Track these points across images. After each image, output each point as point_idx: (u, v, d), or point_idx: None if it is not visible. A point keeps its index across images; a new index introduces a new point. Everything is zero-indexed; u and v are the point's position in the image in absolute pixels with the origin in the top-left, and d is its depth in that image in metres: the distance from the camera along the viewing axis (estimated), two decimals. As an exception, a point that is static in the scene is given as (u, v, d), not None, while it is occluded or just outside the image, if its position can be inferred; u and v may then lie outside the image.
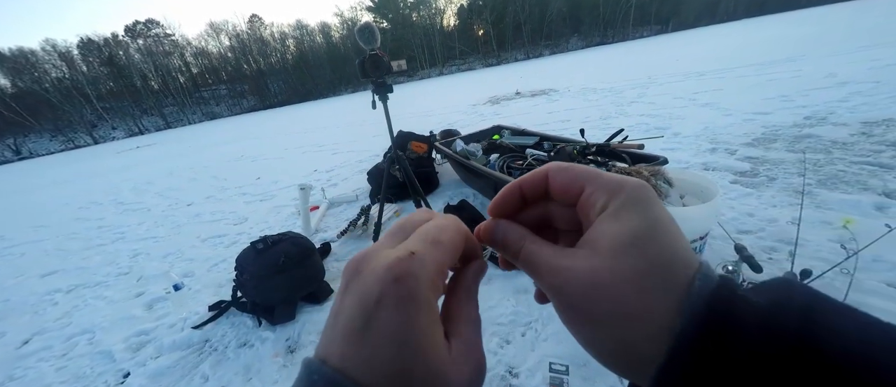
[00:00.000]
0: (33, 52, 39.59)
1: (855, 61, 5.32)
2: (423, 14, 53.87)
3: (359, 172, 4.11)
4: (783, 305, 0.14)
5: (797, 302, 0.15)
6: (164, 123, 44.85)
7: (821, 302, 0.15)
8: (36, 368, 1.79)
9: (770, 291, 0.16)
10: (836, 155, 2.40)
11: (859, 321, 0.14)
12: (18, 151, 37.55)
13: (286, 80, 52.66)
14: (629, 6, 49.60)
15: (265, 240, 1.79)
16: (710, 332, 0.14)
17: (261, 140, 10.01)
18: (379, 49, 1.86)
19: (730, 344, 0.14)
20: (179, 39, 49.07)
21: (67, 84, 41.02)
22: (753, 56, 8.00)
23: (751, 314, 0.14)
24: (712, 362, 0.14)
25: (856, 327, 0.13)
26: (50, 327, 2.12)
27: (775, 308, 0.14)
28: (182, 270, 2.51)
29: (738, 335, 0.14)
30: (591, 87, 8.02)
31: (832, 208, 1.83)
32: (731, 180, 2.32)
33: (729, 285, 0.16)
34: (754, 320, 0.14)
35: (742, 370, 0.13)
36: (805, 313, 0.14)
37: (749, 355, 0.13)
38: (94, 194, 6.38)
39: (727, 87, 5.21)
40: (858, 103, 3.35)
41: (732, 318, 0.14)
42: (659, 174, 1.55)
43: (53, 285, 2.70)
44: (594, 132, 3.88)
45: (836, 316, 0.14)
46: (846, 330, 0.13)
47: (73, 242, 3.73)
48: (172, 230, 3.50)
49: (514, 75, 16.62)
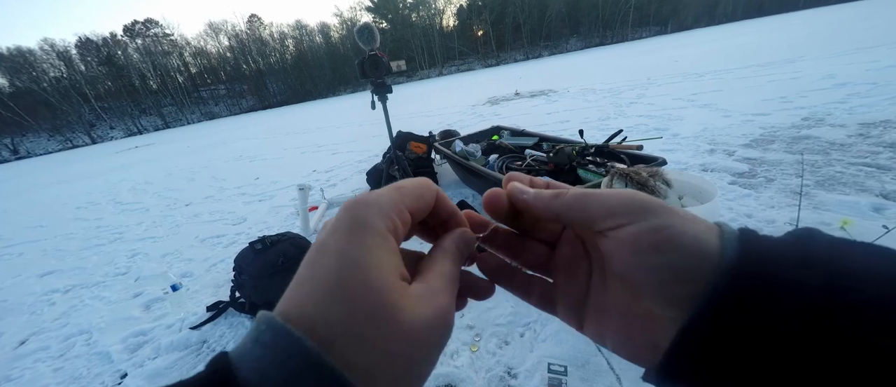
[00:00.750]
0: (31, 51, 39.53)
1: (853, 63, 5.34)
2: (422, 14, 53.93)
3: (358, 173, 4.10)
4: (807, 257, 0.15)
5: (820, 253, 0.15)
6: (163, 122, 44.77)
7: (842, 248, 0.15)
8: (33, 368, 1.78)
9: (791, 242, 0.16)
10: (833, 156, 2.41)
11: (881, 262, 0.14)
12: (16, 150, 37.42)
13: (285, 80, 52.64)
14: (628, 7, 49.76)
15: (264, 240, 1.79)
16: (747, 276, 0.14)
17: (260, 140, 10.00)
18: (378, 49, 1.86)
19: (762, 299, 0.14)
20: (178, 39, 49.06)
21: (65, 84, 40.93)
22: (752, 57, 8.02)
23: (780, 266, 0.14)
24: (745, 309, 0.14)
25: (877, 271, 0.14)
26: (47, 328, 2.11)
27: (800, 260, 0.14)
28: (180, 271, 2.50)
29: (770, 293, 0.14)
30: (591, 87, 8.03)
31: (830, 209, 1.83)
32: (729, 181, 2.33)
33: (749, 230, 0.17)
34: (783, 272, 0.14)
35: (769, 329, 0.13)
36: (829, 264, 0.14)
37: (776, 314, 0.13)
38: (93, 194, 6.36)
39: (726, 89, 5.22)
40: (856, 105, 3.37)
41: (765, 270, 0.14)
42: (657, 175, 1.55)
43: (51, 286, 2.69)
44: (593, 133, 3.88)
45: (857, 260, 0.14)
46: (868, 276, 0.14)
47: (70, 243, 3.72)
48: (171, 230, 3.49)
49: (514, 76, 16.64)
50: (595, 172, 2.02)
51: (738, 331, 0.14)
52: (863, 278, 0.13)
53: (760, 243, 0.15)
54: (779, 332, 0.13)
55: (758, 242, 0.16)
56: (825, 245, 0.15)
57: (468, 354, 1.37)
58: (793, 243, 0.15)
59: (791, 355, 0.13)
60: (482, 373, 1.28)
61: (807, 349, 0.13)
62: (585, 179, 2.01)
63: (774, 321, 0.13)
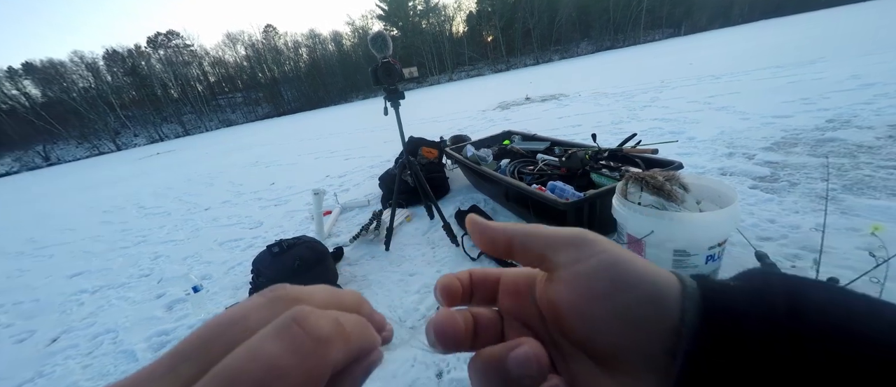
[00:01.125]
0: (62, 63, 41.67)
1: (880, 62, 5.13)
2: (432, 21, 54.53)
3: (370, 178, 4.16)
4: (763, 289, 0.15)
5: (777, 285, 0.15)
6: (183, 130, 46.37)
7: (798, 282, 0.15)
8: (64, 365, 1.86)
9: (744, 279, 0.16)
10: (861, 159, 2.32)
11: (835, 295, 0.15)
12: (47, 157, 39.38)
13: (299, 87, 53.90)
14: (640, 10, 49.13)
15: (281, 244, 1.84)
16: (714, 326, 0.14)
17: (275, 146, 10.24)
18: (391, 57, 1.90)
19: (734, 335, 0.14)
20: (198, 49, 50.96)
21: (93, 93, 42.95)
22: (771, 58, 7.80)
23: (740, 300, 0.15)
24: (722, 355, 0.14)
25: (833, 300, 0.14)
26: (76, 326, 2.21)
27: (758, 292, 0.15)
28: (201, 273, 2.58)
29: (737, 324, 0.14)
30: (602, 91, 7.94)
31: (859, 215, 1.76)
32: (750, 185, 2.26)
33: (705, 277, 0.17)
34: (744, 304, 0.15)
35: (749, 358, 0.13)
36: (789, 295, 0.15)
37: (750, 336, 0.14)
38: (118, 199, 6.63)
39: (744, 91, 5.09)
40: (884, 105, 3.23)
41: (728, 309, 0.15)
42: (674, 179, 1.53)
43: (79, 286, 2.81)
44: (606, 137, 3.84)
45: (816, 292, 0.15)
46: (828, 303, 0.14)
47: (97, 245, 3.88)
48: (191, 234, 3.61)
49: (524, 80, 16.60)
50: (609, 176, 2.00)
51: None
52: (826, 314, 0.14)
53: (718, 290, 0.16)
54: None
55: (716, 290, 0.16)
56: (781, 284, 0.15)
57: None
58: (750, 289, 0.15)
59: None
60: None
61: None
62: (599, 184, 1.99)
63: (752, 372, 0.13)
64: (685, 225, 1.27)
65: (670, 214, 1.30)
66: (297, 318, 0.13)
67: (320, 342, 0.13)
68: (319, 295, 0.16)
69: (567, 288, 0.18)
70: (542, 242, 0.19)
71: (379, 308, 1.75)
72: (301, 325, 0.13)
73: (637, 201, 1.48)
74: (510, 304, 0.21)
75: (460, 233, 2.28)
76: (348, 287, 1.98)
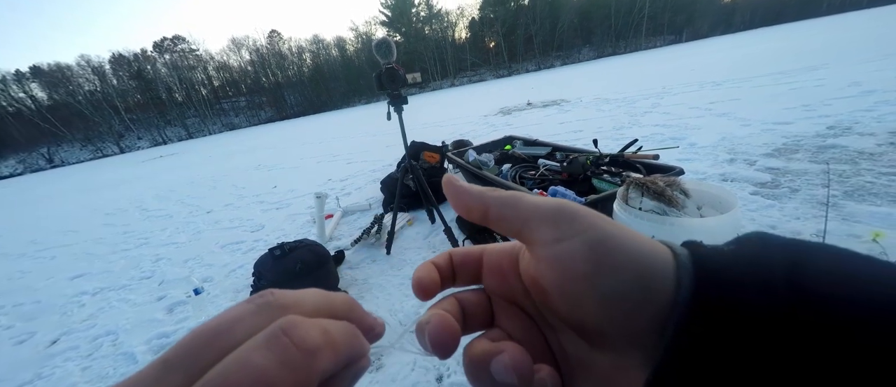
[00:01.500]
0: (69, 66, 42.17)
1: (880, 69, 5.14)
2: (435, 27, 55.02)
3: (372, 182, 4.18)
4: (762, 254, 0.14)
5: (776, 249, 0.14)
6: (187, 133, 46.70)
7: (799, 246, 0.14)
8: (63, 367, 1.86)
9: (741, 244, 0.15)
10: (862, 166, 2.31)
11: (837, 257, 0.14)
12: (51, 159, 39.67)
13: (302, 92, 54.32)
14: (642, 17, 49.46)
15: (282, 247, 1.84)
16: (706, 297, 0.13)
17: (277, 150, 10.30)
18: (395, 63, 1.92)
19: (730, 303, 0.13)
20: (203, 54, 51.48)
21: (99, 96, 43.39)
22: (772, 65, 7.83)
23: (734, 267, 0.14)
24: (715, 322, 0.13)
25: (837, 266, 0.13)
26: (76, 328, 2.21)
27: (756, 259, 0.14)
28: (202, 275, 2.59)
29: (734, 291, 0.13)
30: (604, 97, 7.98)
31: (860, 221, 1.76)
32: (751, 191, 2.26)
33: (697, 244, 0.16)
34: (737, 271, 0.14)
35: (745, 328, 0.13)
36: (789, 261, 0.14)
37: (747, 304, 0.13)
38: (120, 201, 6.67)
39: (745, 97, 5.10)
40: (885, 112, 3.23)
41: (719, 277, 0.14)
42: (675, 185, 1.53)
43: (80, 288, 2.82)
44: (607, 143, 3.85)
45: (818, 257, 0.14)
46: (829, 269, 0.13)
47: (99, 247, 3.89)
48: (193, 236, 3.62)
49: (526, 86, 16.68)
50: (610, 181, 2.00)
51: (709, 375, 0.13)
52: (826, 281, 0.13)
53: (713, 259, 0.15)
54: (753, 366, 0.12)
55: (710, 259, 0.15)
56: (781, 250, 0.15)
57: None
58: (747, 256, 0.14)
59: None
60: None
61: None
62: (600, 189, 1.99)
63: (746, 351, 0.12)
64: (686, 231, 1.27)
65: (671, 219, 1.31)
66: (286, 328, 0.13)
67: (309, 353, 0.13)
68: (309, 301, 0.16)
69: (548, 267, 0.17)
70: (520, 216, 0.18)
71: (379, 312, 1.75)
72: (289, 335, 0.13)
73: (638, 207, 1.49)
74: (495, 283, 0.21)
75: (461, 237, 2.28)
76: (349, 291, 1.98)
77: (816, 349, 0.12)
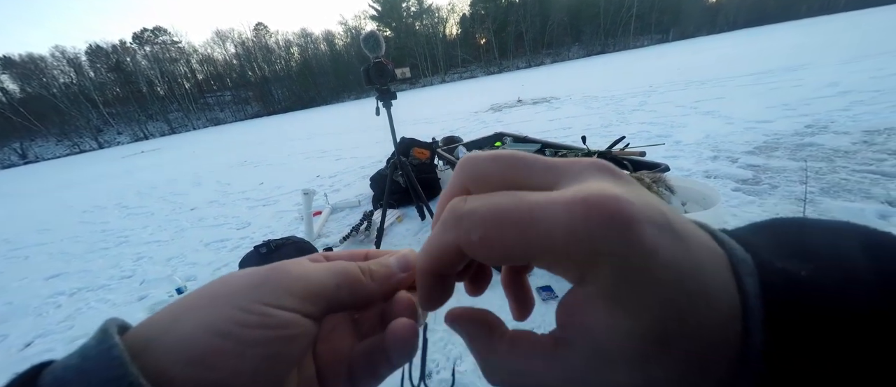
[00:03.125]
0: (43, 58, 40.33)
1: (856, 71, 5.34)
2: (425, 23, 54.62)
3: (361, 178, 4.13)
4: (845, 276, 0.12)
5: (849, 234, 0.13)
6: (169, 128, 45.31)
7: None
8: (38, 370, 1.79)
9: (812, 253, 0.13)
10: (838, 163, 2.40)
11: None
12: (25, 155, 37.96)
13: (290, 86, 53.29)
14: (630, 16, 50.15)
15: (268, 244, 1.81)
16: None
17: (264, 146, 10.09)
18: (383, 57, 1.89)
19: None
20: (186, 47, 49.94)
21: (75, 89, 41.66)
22: (754, 65, 8.04)
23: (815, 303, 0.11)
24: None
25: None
26: (53, 330, 2.13)
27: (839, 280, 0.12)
28: (185, 274, 2.52)
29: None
30: (593, 95, 8.07)
31: (835, 217, 1.82)
32: (733, 188, 2.33)
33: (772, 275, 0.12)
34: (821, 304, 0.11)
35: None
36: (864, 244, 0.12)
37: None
38: (98, 198, 6.43)
39: (728, 96, 5.23)
40: (860, 112, 3.36)
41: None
42: (661, 181, 1.56)
43: (57, 288, 2.71)
44: (596, 139, 3.90)
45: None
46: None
47: (76, 246, 3.75)
48: (176, 234, 3.52)
49: (516, 83, 16.74)
50: (598, 178, 2.02)
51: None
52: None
53: (784, 272, 0.12)
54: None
55: (780, 271, 0.12)
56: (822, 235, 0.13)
57: (471, 360, 1.36)
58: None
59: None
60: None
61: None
62: (588, 185, 2.01)
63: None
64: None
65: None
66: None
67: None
68: None
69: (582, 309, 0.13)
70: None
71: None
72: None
73: (624, 203, 1.50)
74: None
75: (451, 234, 2.27)
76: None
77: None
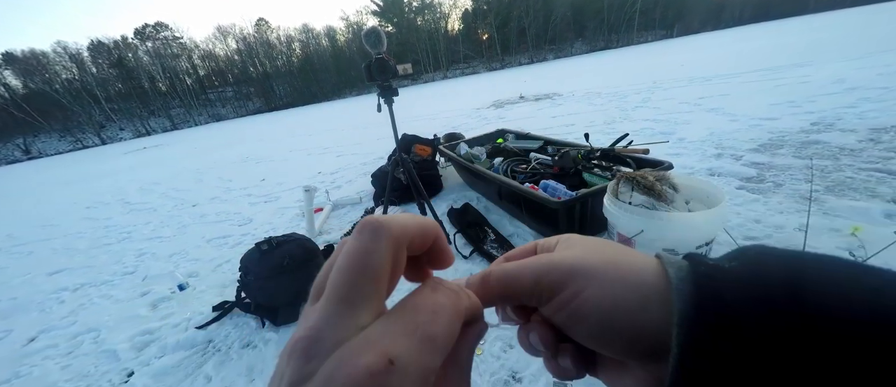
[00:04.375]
0: (45, 54, 40.31)
1: (863, 67, 5.27)
2: (427, 18, 54.20)
3: (363, 175, 4.12)
4: (762, 270, 0.15)
5: (774, 263, 0.15)
6: (171, 124, 45.33)
7: (797, 259, 0.15)
8: (41, 365, 1.80)
9: (740, 258, 0.17)
10: (844, 161, 2.38)
11: (835, 267, 0.15)
12: (28, 150, 38.13)
13: (291, 82, 53.12)
14: (634, 11, 49.59)
15: (270, 241, 1.80)
16: (708, 320, 0.14)
17: (266, 142, 10.09)
18: (385, 53, 1.87)
19: (730, 324, 0.14)
20: (187, 42, 49.75)
21: (77, 85, 41.68)
22: (760, 61, 7.95)
23: (736, 286, 0.15)
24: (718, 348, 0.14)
25: (835, 274, 0.14)
26: (56, 325, 2.14)
27: (756, 273, 0.15)
28: (187, 271, 2.53)
29: (735, 313, 0.14)
30: (596, 91, 8.01)
31: (840, 215, 1.80)
32: (737, 186, 2.30)
33: (698, 262, 0.17)
34: (739, 290, 0.15)
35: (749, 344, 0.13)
36: (787, 272, 0.15)
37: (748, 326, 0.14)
38: (101, 194, 6.46)
39: (733, 93, 5.18)
40: (867, 109, 3.32)
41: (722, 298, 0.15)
42: (664, 179, 1.54)
43: (60, 284, 2.73)
44: (599, 137, 3.87)
45: (816, 271, 0.15)
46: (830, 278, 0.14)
47: (79, 241, 3.77)
48: (178, 230, 3.53)
49: (518, 79, 16.65)
50: (601, 175, 2.01)
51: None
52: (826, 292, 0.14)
53: (711, 278, 0.16)
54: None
55: (709, 278, 0.16)
56: (777, 262, 0.16)
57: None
58: (747, 274, 0.15)
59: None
60: (486, 377, 1.27)
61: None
62: (591, 183, 2.00)
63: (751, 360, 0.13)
64: (674, 225, 1.28)
65: (660, 213, 1.32)
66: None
67: (458, 296, 0.19)
68: None
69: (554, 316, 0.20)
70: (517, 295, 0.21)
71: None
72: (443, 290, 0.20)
73: (628, 201, 1.49)
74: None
75: (453, 231, 2.27)
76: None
77: (820, 362, 0.12)
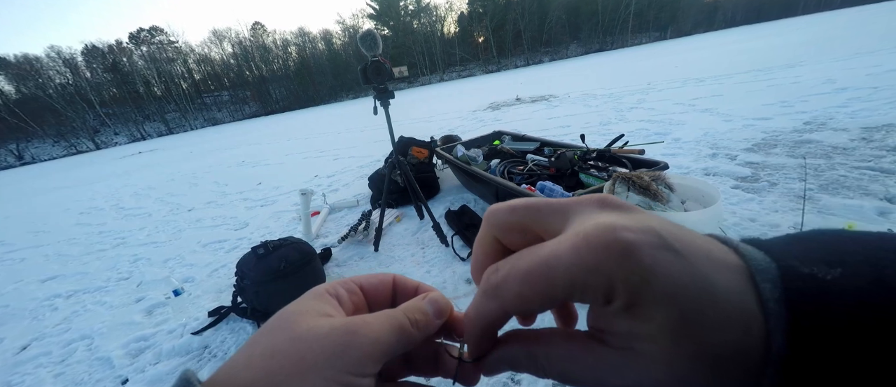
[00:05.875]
0: (38, 58, 40.00)
1: (853, 67, 5.35)
2: (423, 21, 54.44)
3: (360, 178, 4.11)
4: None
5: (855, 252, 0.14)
6: (167, 128, 45.07)
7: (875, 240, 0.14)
8: (34, 374, 1.77)
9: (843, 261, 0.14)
10: (836, 160, 2.40)
11: None
12: (21, 156, 37.70)
13: (288, 86, 53.07)
14: (628, 14, 50.11)
15: (266, 245, 1.79)
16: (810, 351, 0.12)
17: (262, 146, 10.05)
18: (381, 56, 1.88)
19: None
20: (183, 46, 49.60)
21: (71, 90, 41.36)
22: (752, 62, 8.05)
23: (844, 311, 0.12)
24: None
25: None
26: (49, 333, 2.11)
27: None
28: (182, 276, 2.51)
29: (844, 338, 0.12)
30: (591, 93, 8.06)
31: (834, 214, 1.82)
32: (732, 185, 2.32)
33: (788, 267, 0.14)
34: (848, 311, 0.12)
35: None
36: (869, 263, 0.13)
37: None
38: (95, 200, 6.39)
39: (727, 93, 5.23)
40: (858, 109, 3.37)
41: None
42: (660, 179, 1.55)
43: (53, 290, 2.69)
44: (594, 138, 3.89)
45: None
46: None
47: (73, 248, 3.72)
48: (173, 235, 3.50)
49: (514, 81, 16.72)
50: (597, 176, 2.02)
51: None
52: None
53: (805, 281, 0.13)
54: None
55: (803, 281, 0.13)
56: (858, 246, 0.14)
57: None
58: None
59: None
60: (486, 376, 1.27)
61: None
62: (587, 184, 2.01)
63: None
64: (670, 224, 1.28)
65: (656, 214, 1.32)
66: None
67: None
68: None
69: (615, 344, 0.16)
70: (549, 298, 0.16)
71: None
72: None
73: (624, 201, 1.50)
74: None
75: (450, 233, 2.27)
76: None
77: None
